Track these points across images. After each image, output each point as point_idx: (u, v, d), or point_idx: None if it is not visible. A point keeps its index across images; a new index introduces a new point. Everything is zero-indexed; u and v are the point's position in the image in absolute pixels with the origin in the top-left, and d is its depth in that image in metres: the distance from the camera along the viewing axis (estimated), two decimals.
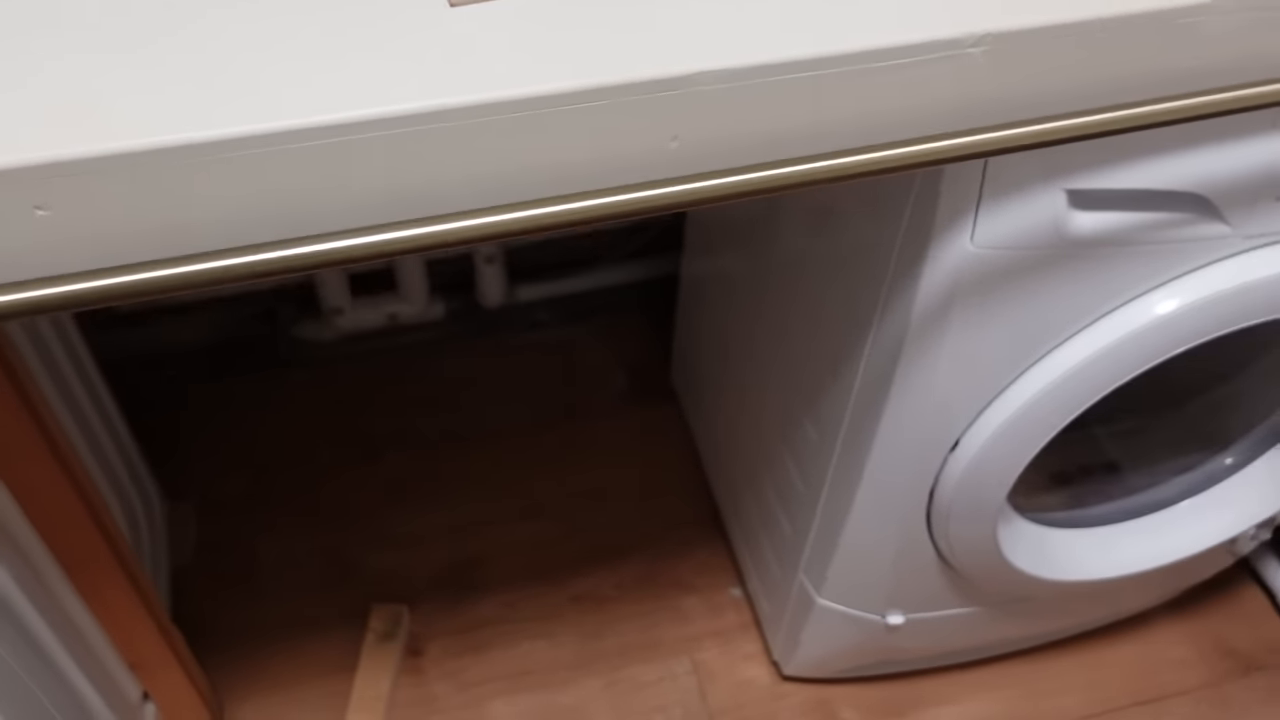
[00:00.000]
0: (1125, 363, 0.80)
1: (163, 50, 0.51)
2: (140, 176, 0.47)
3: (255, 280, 0.51)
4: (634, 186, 0.54)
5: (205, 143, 0.47)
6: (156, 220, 0.49)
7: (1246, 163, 0.72)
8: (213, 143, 0.47)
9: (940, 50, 0.56)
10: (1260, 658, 1.29)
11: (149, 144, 0.47)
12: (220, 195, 0.49)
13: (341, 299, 1.39)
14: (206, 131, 0.47)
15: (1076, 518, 1.06)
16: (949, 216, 0.71)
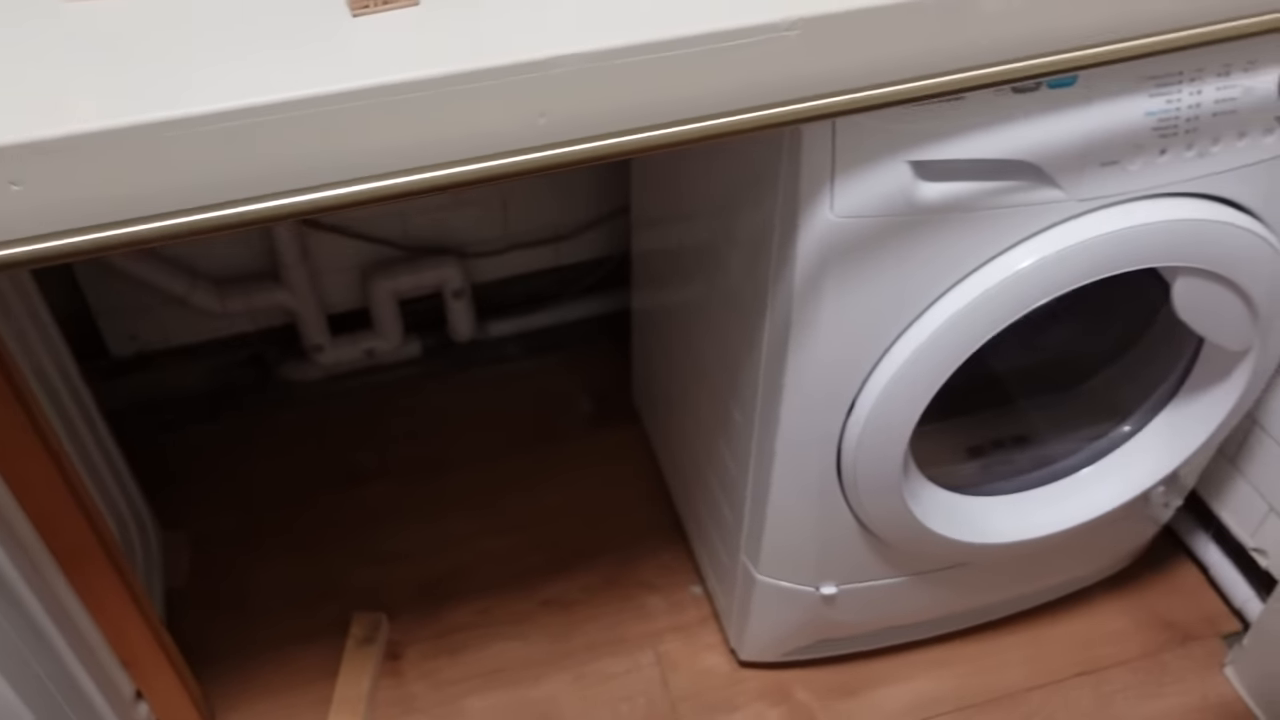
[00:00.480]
0: (989, 318, 0.90)
1: (120, 57, 0.63)
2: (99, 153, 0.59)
3: (198, 237, 0.62)
4: (510, 153, 0.66)
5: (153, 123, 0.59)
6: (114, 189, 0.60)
7: (1070, 132, 0.83)
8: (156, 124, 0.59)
9: (761, 34, 0.67)
10: (1195, 628, 1.36)
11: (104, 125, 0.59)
12: (167, 168, 0.61)
13: (320, 336, 1.51)
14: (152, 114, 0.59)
15: (989, 487, 1.14)
16: (810, 190, 0.82)
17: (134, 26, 0.65)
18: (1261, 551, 1.29)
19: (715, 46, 0.67)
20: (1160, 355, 1.12)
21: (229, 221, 0.62)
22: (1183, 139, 0.86)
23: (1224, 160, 0.89)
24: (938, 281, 0.89)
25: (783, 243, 0.88)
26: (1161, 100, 0.84)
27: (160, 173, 0.60)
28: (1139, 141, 0.85)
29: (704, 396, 1.21)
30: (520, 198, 1.52)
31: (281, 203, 0.63)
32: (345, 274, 1.50)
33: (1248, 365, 1.05)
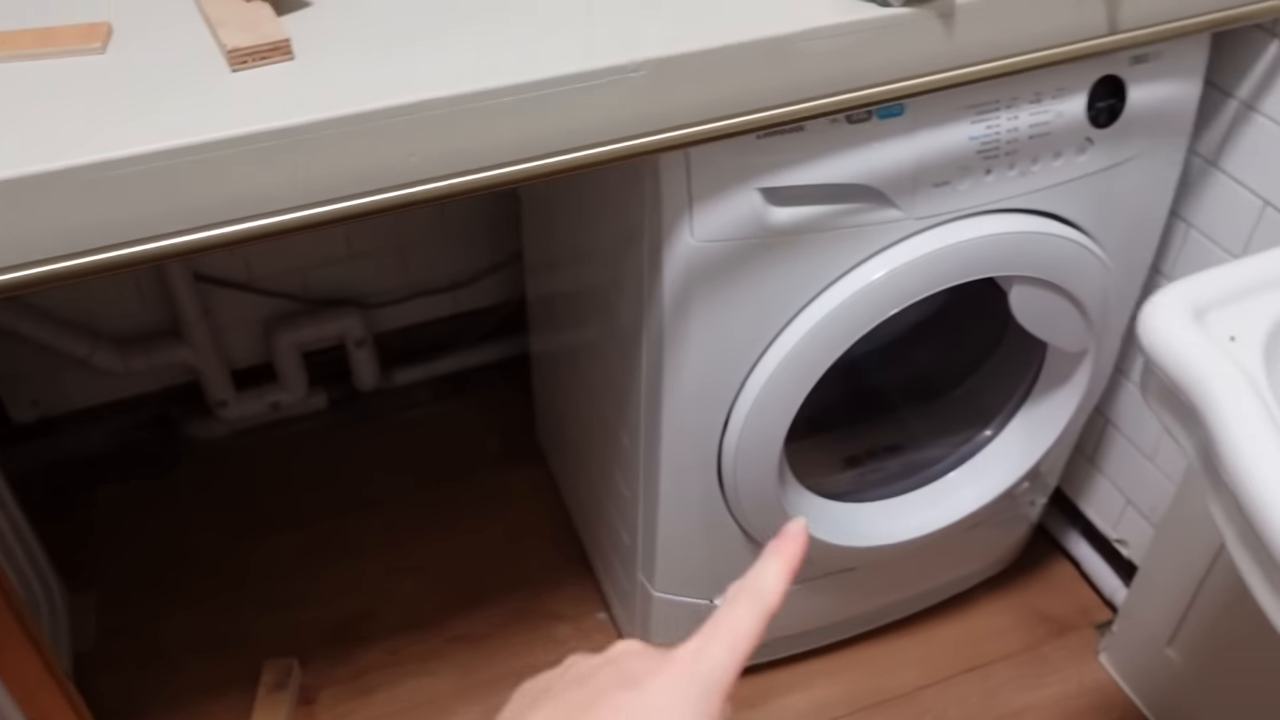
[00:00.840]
0: (844, 330, 0.98)
1: (15, 114, 0.67)
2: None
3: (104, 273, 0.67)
4: (385, 189, 0.72)
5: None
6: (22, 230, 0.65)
7: (902, 157, 0.92)
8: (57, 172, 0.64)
9: (609, 75, 0.75)
10: (1071, 619, 1.45)
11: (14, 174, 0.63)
12: (58, 212, 0.65)
13: (225, 392, 1.53)
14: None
15: (866, 493, 1.22)
16: (672, 218, 0.90)
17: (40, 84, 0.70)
18: (1123, 542, 1.39)
19: (569, 88, 0.74)
20: (1012, 362, 1.22)
21: (117, 262, 0.67)
22: (1004, 160, 0.96)
23: (1044, 178, 0.99)
24: (796, 298, 0.97)
25: (651, 269, 0.95)
26: (982, 126, 0.94)
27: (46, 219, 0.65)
28: (965, 164, 0.95)
29: (598, 428, 1.27)
30: (418, 247, 1.58)
31: (168, 243, 0.68)
32: (247, 329, 1.53)
33: (1087, 366, 1.15)
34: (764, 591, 0.39)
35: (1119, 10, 0.89)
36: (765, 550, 0.42)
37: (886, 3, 0.80)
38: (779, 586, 0.40)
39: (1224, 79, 1.08)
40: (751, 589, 0.39)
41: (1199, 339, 0.70)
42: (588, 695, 0.37)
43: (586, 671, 0.39)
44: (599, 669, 0.38)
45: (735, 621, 0.38)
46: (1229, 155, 1.10)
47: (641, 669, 0.38)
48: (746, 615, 0.39)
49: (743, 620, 0.38)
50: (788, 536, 0.42)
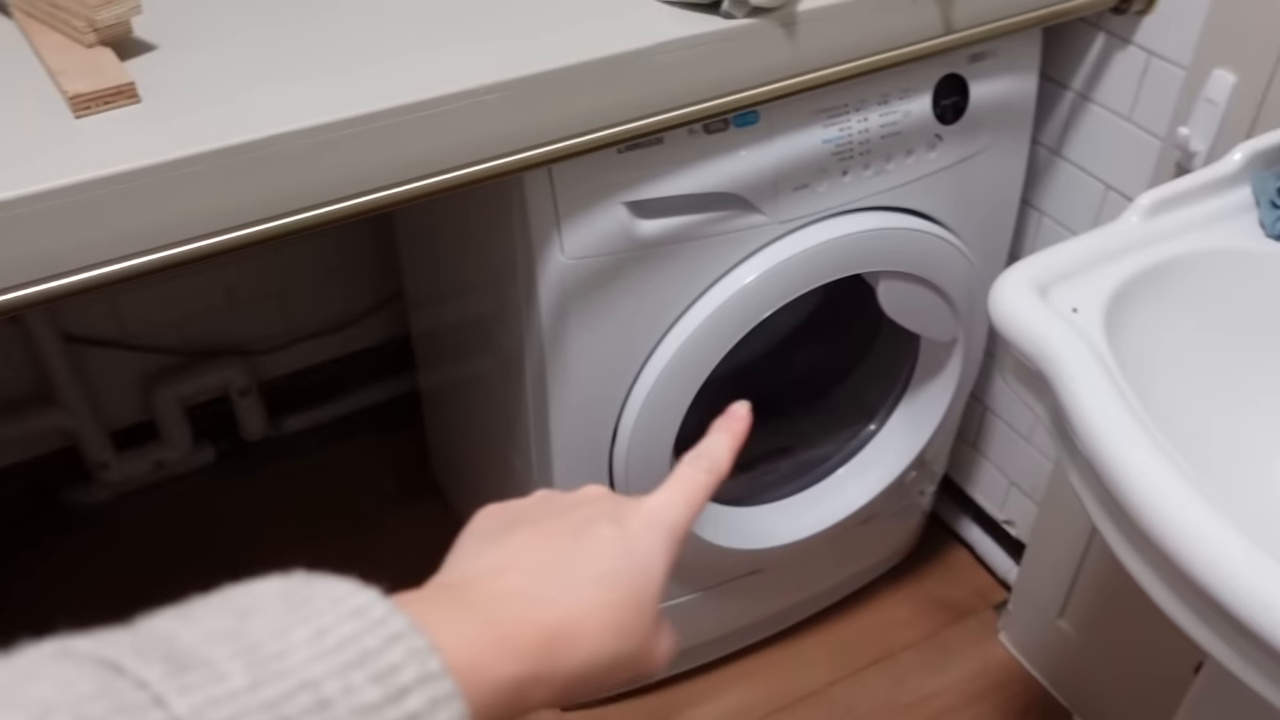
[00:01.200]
0: (722, 334, 1.00)
1: None
2: None
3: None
4: (242, 226, 0.71)
5: None
6: None
7: (761, 163, 0.95)
8: None
9: (464, 99, 0.76)
10: (970, 603, 1.49)
11: None
12: None
13: (105, 454, 1.48)
14: None
15: (760, 496, 1.24)
16: (541, 236, 0.91)
17: None
18: (1010, 523, 1.44)
19: (424, 114, 0.75)
20: (889, 357, 1.26)
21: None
22: (859, 160, 1.00)
23: (899, 176, 1.03)
24: (671, 307, 0.99)
25: (527, 291, 0.96)
26: (835, 129, 0.97)
27: None
28: (822, 166, 0.98)
29: (492, 455, 1.27)
30: (299, 290, 1.56)
31: (21, 294, 0.67)
32: (125, 387, 1.49)
33: (959, 354, 1.19)
34: (716, 460, 0.44)
35: (953, 11, 0.93)
36: (714, 426, 0.46)
37: (730, 14, 0.83)
38: (727, 457, 0.44)
39: (1058, 72, 1.14)
40: (706, 456, 0.44)
41: (1044, 312, 0.74)
42: (574, 524, 0.39)
43: (564, 504, 0.41)
44: (578, 504, 0.41)
45: (693, 482, 0.42)
46: (1070, 144, 1.16)
47: (620, 510, 0.40)
48: (702, 478, 0.43)
49: (699, 482, 0.43)
50: (733, 416, 0.46)
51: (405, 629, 0.30)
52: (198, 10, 0.83)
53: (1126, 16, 1.05)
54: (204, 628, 0.28)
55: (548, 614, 0.35)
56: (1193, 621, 0.63)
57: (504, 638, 0.34)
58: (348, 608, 0.30)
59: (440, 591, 0.37)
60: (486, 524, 0.41)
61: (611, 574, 0.38)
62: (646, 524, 0.40)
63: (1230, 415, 0.78)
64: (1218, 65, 0.97)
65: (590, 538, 0.38)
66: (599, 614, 0.36)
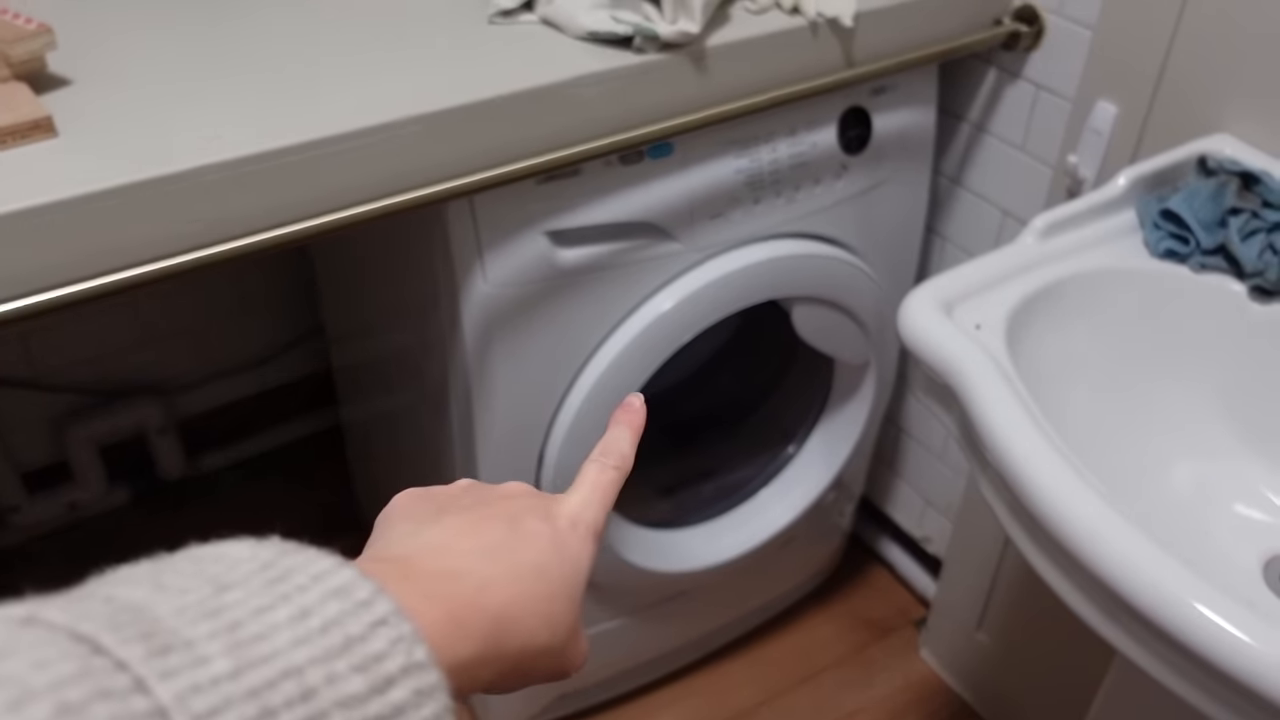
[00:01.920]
0: (643, 360, 1.03)
1: None
2: None
3: None
4: (169, 255, 0.71)
5: None
6: None
7: (675, 193, 0.98)
8: None
9: (385, 132, 0.77)
10: (891, 620, 1.53)
11: None
12: None
13: (15, 496, 1.45)
14: None
15: (684, 519, 1.26)
16: (464, 265, 0.92)
17: None
18: (927, 539, 1.49)
19: (344, 147, 0.76)
20: (805, 380, 1.30)
21: None
22: (771, 189, 1.03)
23: (809, 204, 1.07)
24: (593, 334, 1.01)
25: (451, 321, 0.97)
26: (746, 159, 1.01)
27: None
28: (735, 195, 1.01)
29: (417, 485, 1.27)
30: (216, 326, 1.54)
31: None
32: (35, 427, 1.45)
33: (872, 376, 1.24)
34: (621, 456, 0.45)
35: (854, 47, 0.98)
36: (613, 420, 0.47)
37: (642, 49, 0.86)
38: (630, 450, 0.46)
39: (955, 105, 1.19)
40: (611, 453, 0.45)
41: (949, 329, 0.77)
42: (506, 514, 0.40)
43: (491, 495, 0.42)
44: (505, 496, 0.42)
45: (605, 482, 0.44)
46: (969, 173, 1.22)
47: (546, 507, 0.41)
48: (611, 475, 0.44)
49: (609, 480, 0.44)
50: (628, 408, 0.48)
51: (390, 614, 0.29)
52: (112, 45, 0.83)
53: (1015, 52, 1.11)
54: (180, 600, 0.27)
55: (494, 597, 0.35)
56: (1101, 620, 0.67)
57: (459, 620, 0.34)
58: (330, 586, 0.29)
59: (392, 566, 0.36)
60: (412, 506, 0.42)
61: (545, 566, 0.38)
62: (571, 523, 0.41)
63: (1125, 422, 0.83)
64: (1100, 97, 1.03)
65: (525, 529, 0.39)
66: (535, 604, 0.37)
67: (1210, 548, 0.80)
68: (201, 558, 0.30)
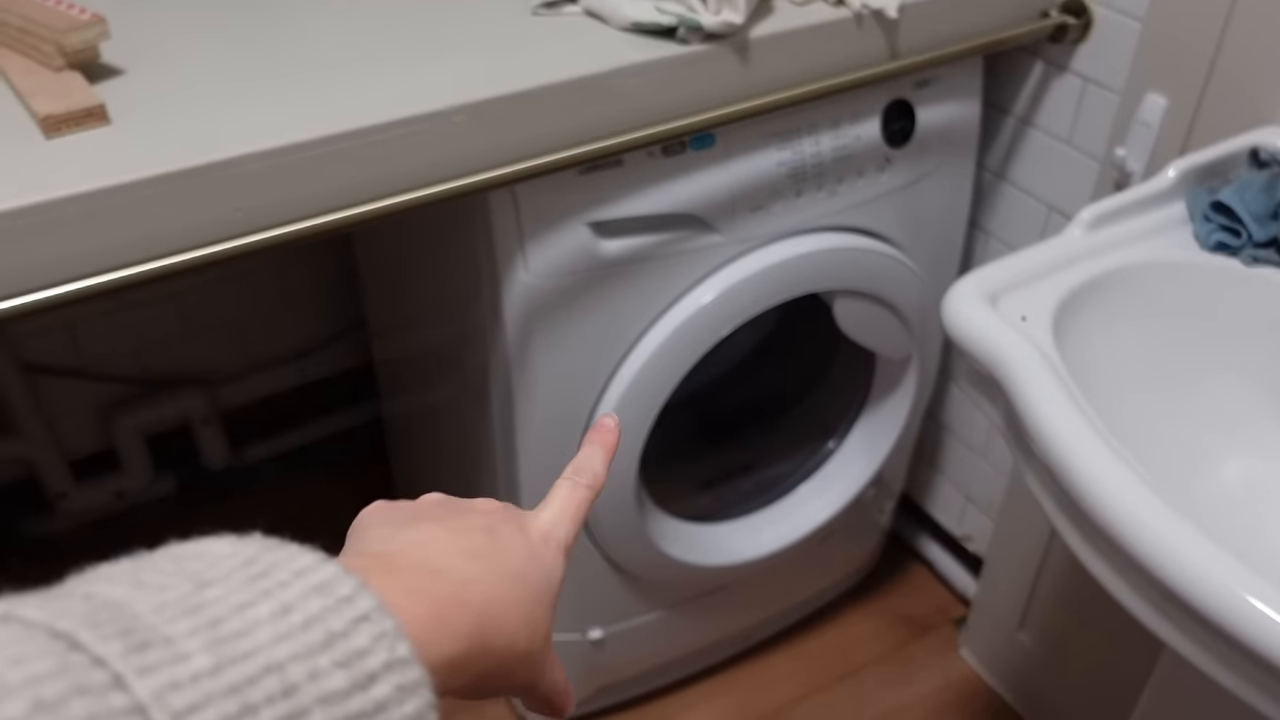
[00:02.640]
0: (684, 352, 1.03)
1: None
2: None
3: None
4: (214, 241, 0.72)
5: None
6: None
7: (717, 185, 0.98)
8: None
9: (432, 121, 0.78)
10: (930, 618, 1.51)
11: None
12: None
13: (64, 484, 1.47)
14: None
15: (723, 513, 1.26)
16: (506, 256, 0.93)
17: None
18: (968, 538, 1.47)
19: (392, 135, 0.77)
20: (846, 375, 1.29)
21: None
22: (813, 182, 1.03)
23: (851, 197, 1.07)
24: (634, 326, 1.01)
25: (492, 311, 0.98)
26: (789, 152, 1.00)
27: None
28: (777, 188, 1.01)
29: (456, 480, 1.28)
30: (259, 319, 1.56)
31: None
32: (84, 416, 1.48)
33: (914, 371, 1.23)
34: (594, 475, 0.46)
35: (898, 39, 0.97)
36: (586, 440, 0.48)
37: (685, 40, 0.86)
38: (604, 469, 0.47)
39: (1000, 98, 1.18)
40: (584, 471, 0.46)
41: (995, 320, 0.77)
42: (482, 524, 0.40)
43: (464, 508, 0.42)
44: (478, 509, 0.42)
45: (576, 500, 0.44)
46: (1013, 167, 1.20)
47: (520, 520, 0.42)
48: (583, 494, 0.45)
49: (581, 498, 0.45)
50: (602, 428, 0.49)
51: (372, 609, 0.29)
52: (162, 36, 0.85)
53: (1063, 45, 1.10)
54: (160, 598, 0.27)
55: (477, 595, 0.35)
56: (1149, 613, 0.66)
57: (444, 617, 0.33)
58: (312, 583, 0.29)
59: (375, 561, 0.36)
60: (385, 515, 0.41)
61: (524, 573, 0.38)
62: (544, 537, 0.41)
63: (1173, 416, 0.82)
64: (1150, 89, 1.02)
65: (503, 537, 0.39)
66: (517, 605, 0.37)
67: (1260, 544, 0.79)
68: (182, 555, 0.29)
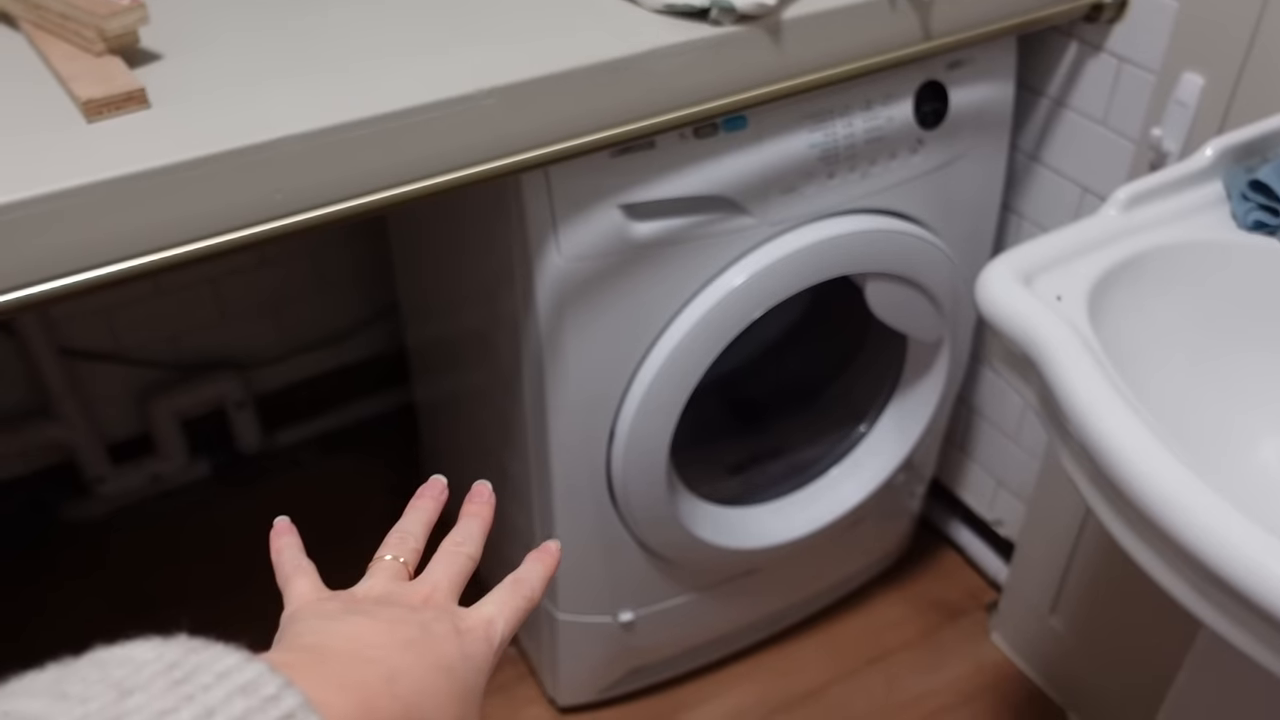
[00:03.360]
0: (715, 334, 1.03)
1: None
2: None
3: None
4: (254, 223, 0.73)
5: None
6: None
7: (749, 167, 0.98)
8: None
9: (462, 104, 0.78)
10: (961, 603, 1.51)
11: None
12: None
13: (101, 467, 1.49)
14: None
15: (753, 496, 1.26)
16: (538, 238, 0.93)
17: None
18: (999, 522, 1.47)
19: (425, 118, 0.77)
20: (878, 358, 1.29)
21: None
22: (845, 164, 1.03)
23: (884, 179, 1.06)
24: (665, 308, 1.01)
25: (524, 293, 0.98)
26: (821, 133, 1.00)
27: None
28: (809, 170, 1.01)
29: (487, 463, 1.28)
30: (292, 303, 1.57)
31: (47, 288, 0.69)
32: (121, 400, 1.50)
33: (945, 354, 1.22)
34: (533, 589, 0.49)
35: (931, 19, 0.97)
36: (529, 557, 0.51)
37: (718, 21, 0.86)
38: (541, 587, 0.50)
39: (1034, 79, 1.17)
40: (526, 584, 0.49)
41: (1029, 300, 0.76)
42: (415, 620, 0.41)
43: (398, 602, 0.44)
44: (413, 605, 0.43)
45: (514, 608, 0.46)
46: (1047, 148, 1.20)
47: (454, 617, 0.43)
48: (521, 604, 0.47)
49: (519, 607, 0.47)
50: (546, 552, 0.52)
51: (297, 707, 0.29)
52: (200, 21, 0.85)
53: (1098, 25, 1.09)
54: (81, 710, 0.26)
55: (406, 686, 0.36)
56: (1187, 592, 0.65)
57: (371, 708, 0.34)
58: (236, 683, 0.29)
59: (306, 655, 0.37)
60: (319, 608, 0.43)
61: (452, 668, 0.40)
62: (477, 636, 0.43)
63: (1209, 396, 0.81)
64: (1186, 68, 1.01)
65: (433, 632, 0.41)
66: (445, 700, 0.38)
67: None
68: (106, 661, 0.29)
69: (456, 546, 0.50)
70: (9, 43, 0.81)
